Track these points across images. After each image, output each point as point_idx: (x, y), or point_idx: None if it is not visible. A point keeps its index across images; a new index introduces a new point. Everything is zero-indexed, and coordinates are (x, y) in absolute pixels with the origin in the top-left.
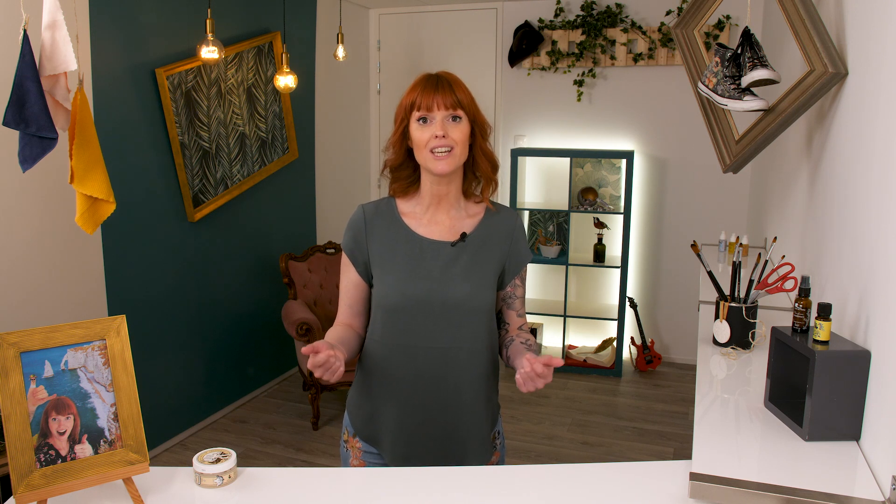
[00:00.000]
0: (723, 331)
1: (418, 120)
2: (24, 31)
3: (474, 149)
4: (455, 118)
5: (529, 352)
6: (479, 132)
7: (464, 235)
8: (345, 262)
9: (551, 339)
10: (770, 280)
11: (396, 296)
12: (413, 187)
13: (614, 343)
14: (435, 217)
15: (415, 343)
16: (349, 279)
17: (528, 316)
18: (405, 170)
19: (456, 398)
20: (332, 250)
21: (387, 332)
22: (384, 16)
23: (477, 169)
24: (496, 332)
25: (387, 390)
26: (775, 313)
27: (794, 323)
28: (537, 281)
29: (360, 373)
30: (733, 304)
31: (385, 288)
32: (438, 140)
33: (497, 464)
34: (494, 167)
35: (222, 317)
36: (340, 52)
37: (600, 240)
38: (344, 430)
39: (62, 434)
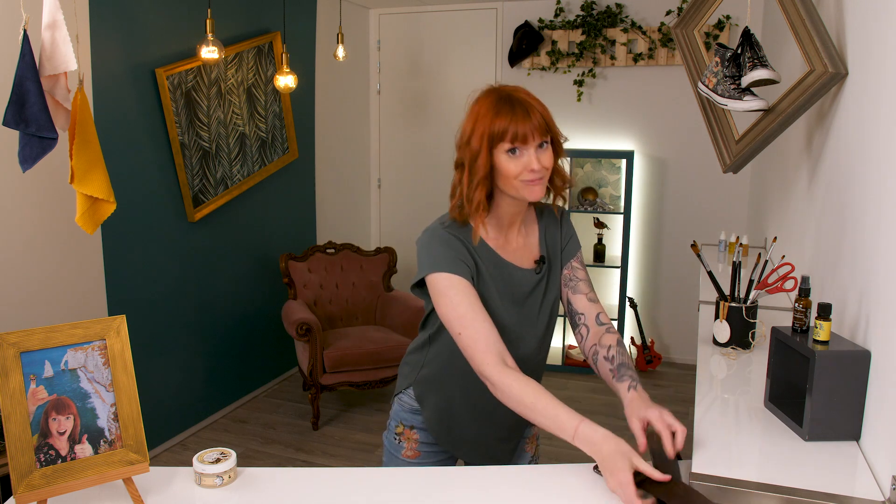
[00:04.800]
0: (723, 331)
1: (508, 151)
2: (24, 31)
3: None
4: (543, 144)
5: (627, 383)
6: (557, 148)
7: (543, 259)
8: (453, 283)
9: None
10: (770, 280)
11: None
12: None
13: None
14: (509, 237)
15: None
16: (474, 295)
17: None
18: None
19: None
20: (332, 250)
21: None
22: (384, 16)
23: (551, 184)
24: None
25: (467, 409)
26: (775, 313)
27: (794, 323)
28: None
29: (432, 391)
30: (733, 304)
31: None
32: (534, 172)
33: (533, 453)
34: (565, 182)
35: (222, 317)
36: (340, 52)
37: (600, 240)
38: (398, 423)
39: (62, 434)
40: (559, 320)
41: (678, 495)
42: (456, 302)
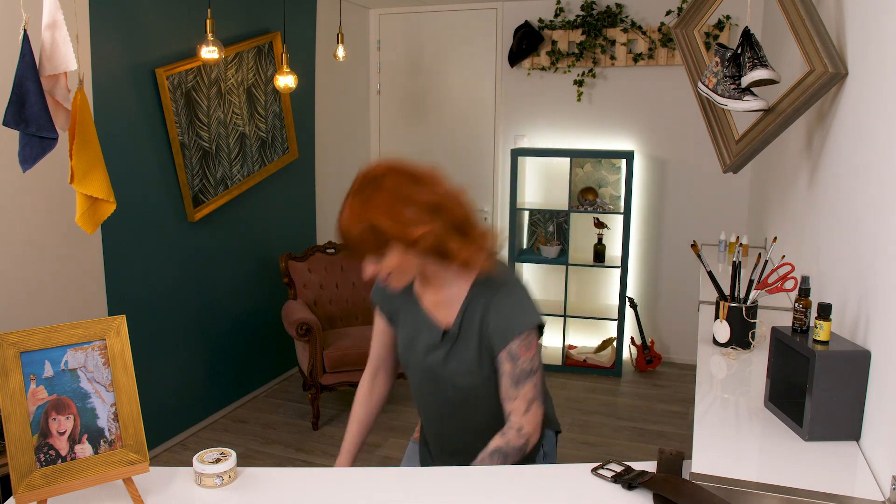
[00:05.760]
0: (723, 331)
1: None
2: (24, 31)
3: (444, 246)
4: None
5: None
6: (443, 234)
7: (444, 334)
8: (376, 313)
9: (551, 339)
10: (770, 280)
11: (401, 357)
12: None
13: (614, 343)
14: (426, 291)
15: (424, 392)
16: (378, 327)
17: None
18: None
19: (468, 443)
20: (332, 250)
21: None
22: (384, 16)
23: (455, 260)
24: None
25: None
26: (775, 313)
27: (794, 323)
28: (538, 281)
29: None
30: (733, 304)
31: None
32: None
33: None
34: (480, 249)
35: (222, 317)
36: (340, 52)
37: (600, 240)
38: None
39: (62, 434)
40: (557, 321)
41: (686, 494)
42: (375, 324)
